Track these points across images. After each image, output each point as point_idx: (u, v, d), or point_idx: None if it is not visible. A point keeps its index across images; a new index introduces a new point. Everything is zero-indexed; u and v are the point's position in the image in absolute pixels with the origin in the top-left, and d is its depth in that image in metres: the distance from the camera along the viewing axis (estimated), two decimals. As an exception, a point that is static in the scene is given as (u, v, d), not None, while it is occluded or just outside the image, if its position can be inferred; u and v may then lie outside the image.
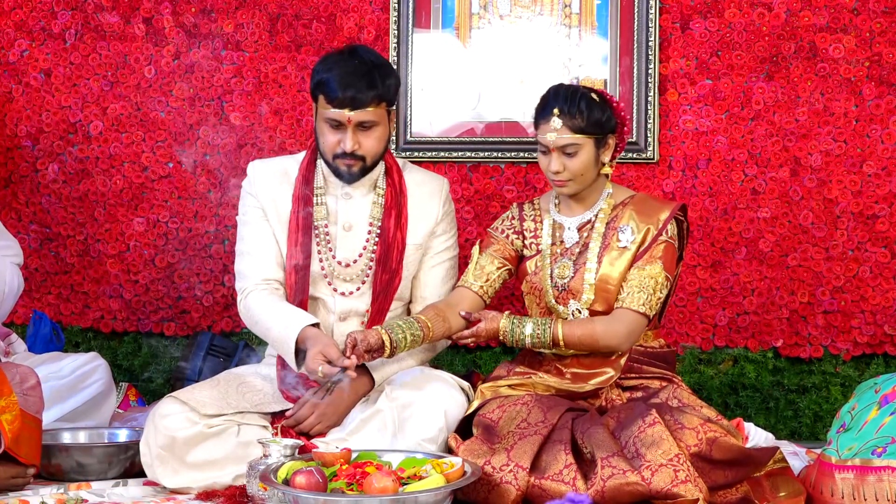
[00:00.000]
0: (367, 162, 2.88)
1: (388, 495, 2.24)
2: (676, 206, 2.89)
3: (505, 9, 3.74)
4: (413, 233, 2.98)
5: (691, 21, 3.67)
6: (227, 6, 3.79)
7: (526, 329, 2.79)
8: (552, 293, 2.87)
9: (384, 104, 2.85)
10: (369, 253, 2.95)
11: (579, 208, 2.92)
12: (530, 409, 2.65)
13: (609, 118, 2.82)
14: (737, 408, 3.63)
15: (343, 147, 2.84)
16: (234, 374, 2.95)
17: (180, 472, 2.67)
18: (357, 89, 2.80)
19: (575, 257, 2.87)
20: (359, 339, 2.68)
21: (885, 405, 2.64)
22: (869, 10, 3.61)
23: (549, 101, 2.81)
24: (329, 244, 2.95)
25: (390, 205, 2.96)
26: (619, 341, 2.78)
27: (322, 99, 2.85)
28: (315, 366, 2.65)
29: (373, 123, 2.84)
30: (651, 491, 2.39)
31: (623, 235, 2.84)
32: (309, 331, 2.77)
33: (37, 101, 3.83)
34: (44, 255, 3.85)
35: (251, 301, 2.92)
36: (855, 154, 3.63)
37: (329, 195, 2.97)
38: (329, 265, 2.94)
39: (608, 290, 2.82)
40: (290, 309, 2.86)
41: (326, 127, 2.86)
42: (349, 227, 2.95)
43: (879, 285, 3.62)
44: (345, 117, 2.81)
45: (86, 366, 3.22)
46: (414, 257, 2.99)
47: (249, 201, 3.01)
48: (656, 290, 2.79)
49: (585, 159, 2.80)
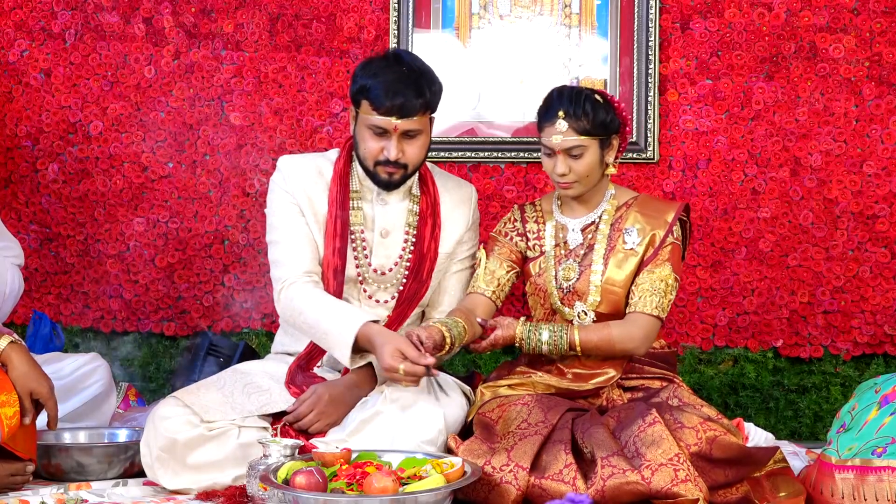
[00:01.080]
0: (409, 170, 2.85)
1: (388, 495, 2.24)
2: (681, 206, 2.89)
3: (505, 9, 3.74)
4: (444, 241, 2.96)
5: (691, 21, 3.67)
6: (227, 6, 3.79)
7: (542, 336, 2.79)
8: (557, 295, 2.87)
9: (429, 112, 2.83)
10: (405, 262, 2.92)
11: (582, 210, 2.92)
12: (531, 409, 2.65)
13: (613, 119, 2.81)
14: (737, 408, 3.63)
15: (387, 155, 2.79)
16: (239, 373, 2.90)
17: (180, 473, 2.66)
18: (405, 97, 2.75)
19: (580, 259, 2.87)
20: (423, 337, 2.63)
21: (885, 405, 2.64)
22: (869, 10, 3.61)
23: (554, 104, 2.80)
24: (365, 250, 2.91)
25: (426, 213, 2.94)
26: (635, 345, 2.79)
27: (366, 105, 2.78)
28: (395, 363, 2.58)
29: (418, 132, 2.81)
30: (651, 490, 2.39)
31: (629, 238, 2.84)
32: (373, 327, 2.70)
33: (37, 101, 3.83)
34: (44, 255, 3.85)
35: (295, 292, 2.83)
36: (855, 154, 3.63)
37: (364, 200, 2.93)
38: (364, 271, 2.91)
39: (614, 293, 2.83)
40: (345, 304, 2.81)
41: (369, 133, 2.81)
42: (386, 234, 2.92)
43: (879, 285, 3.62)
44: (391, 125, 2.77)
45: (86, 366, 3.21)
46: (443, 266, 2.98)
47: (283, 197, 2.92)
48: (667, 293, 2.80)
49: (591, 161, 2.79)
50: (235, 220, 3.79)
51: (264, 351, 3.59)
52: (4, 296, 3.04)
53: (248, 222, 3.79)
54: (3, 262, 3.04)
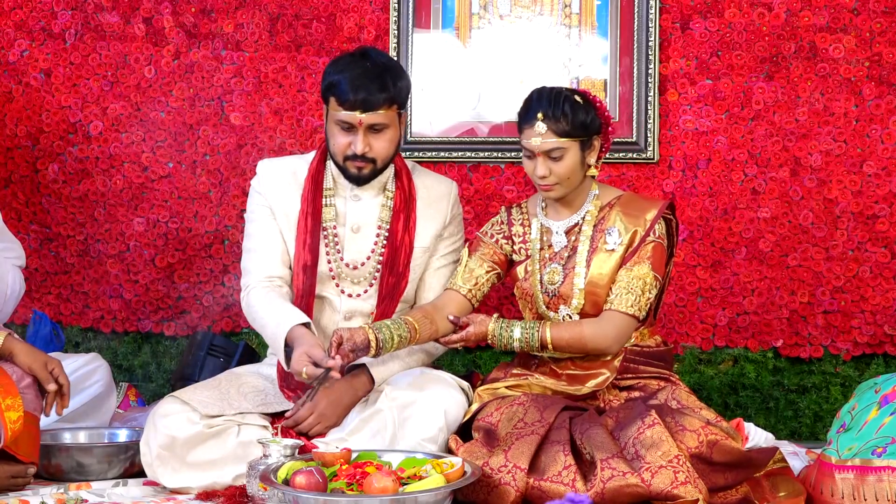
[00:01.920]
0: (378, 164, 2.89)
1: (388, 495, 2.24)
2: (663, 204, 2.87)
3: (505, 9, 3.74)
4: (421, 236, 2.98)
5: (691, 21, 3.67)
6: (227, 6, 3.79)
7: (514, 333, 2.78)
8: (543, 299, 2.86)
9: (395, 106, 2.85)
10: (377, 256, 2.95)
11: (566, 211, 2.90)
12: (527, 408, 2.64)
13: (593, 119, 2.80)
14: (737, 408, 3.63)
15: (354, 149, 2.84)
16: (234, 375, 2.95)
17: (180, 472, 2.67)
18: (368, 91, 2.79)
19: (564, 261, 2.86)
20: (345, 338, 2.66)
21: (885, 405, 2.64)
22: (869, 10, 3.61)
23: (533, 106, 2.78)
24: (337, 245, 2.95)
25: (399, 208, 2.96)
26: (607, 343, 2.78)
27: (333, 101, 2.85)
28: (299, 367, 2.63)
29: (384, 126, 2.85)
30: (651, 492, 2.39)
31: (610, 238, 2.82)
32: (297, 330, 2.74)
33: (37, 101, 3.83)
34: (44, 255, 3.85)
35: (252, 298, 2.91)
36: (855, 154, 3.63)
37: (338, 197, 2.97)
38: (337, 266, 2.94)
39: (597, 294, 2.81)
40: (285, 307, 2.84)
41: (337, 129, 2.86)
42: (357, 229, 2.95)
43: (879, 285, 3.62)
44: (356, 119, 2.81)
45: (86, 366, 3.21)
46: (421, 260, 2.99)
47: (257, 199, 3.00)
48: (645, 291, 2.79)
49: (571, 163, 2.78)
50: (235, 220, 3.79)
51: (264, 351, 3.58)
52: (5, 297, 3.04)
53: (248, 222, 3.79)
54: (4, 264, 3.04)
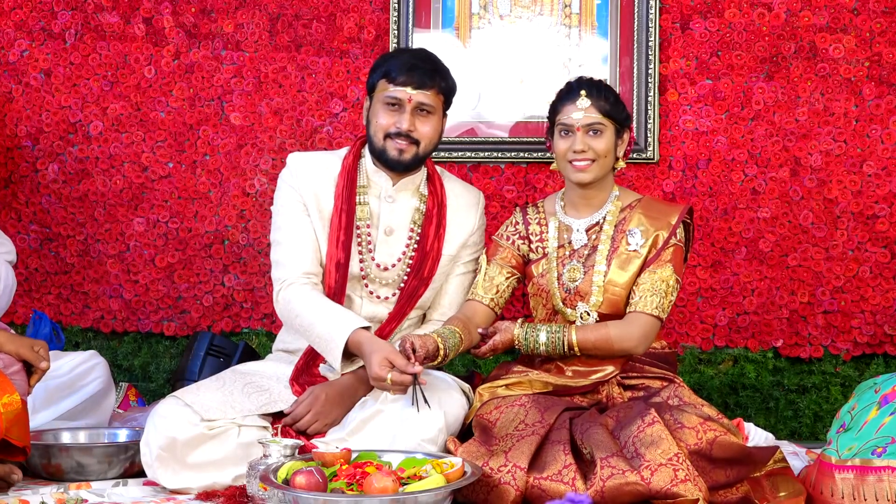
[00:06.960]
0: (420, 149, 2.88)
1: (388, 495, 2.24)
2: (685, 209, 2.90)
3: (505, 9, 3.74)
4: (449, 243, 2.98)
5: (691, 21, 3.67)
6: (227, 6, 3.79)
7: (540, 337, 2.80)
8: (560, 295, 2.87)
9: (442, 96, 2.90)
10: (407, 259, 2.94)
11: (587, 209, 2.92)
12: (527, 410, 2.65)
13: (626, 114, 2.90)
14: (737, 408, 3.63)
15: (399, 126, 2.85)
16: (239, 373, 2.91)
17: (180, 472, 2.66)
18: (422, 71, 2.86)
19: (584, 259, 2.88)
20: (417, 345, 2.65)
21: (885, 405, 2.64)
22: (869, 10, 3.61)
23: (575, 86, 2.87)
24: (370, 245, 2.93)
25: (431, 213, 2.96)
26: (633, 344, 2.79)
27: (383, 82, 2.87)
28: (383, 373, 2.61)
29: (431, 109, 2.88)
30: (651, 491, 2.39)
31: (633, 239, 2.85)
32: (362, 334, 2.73)
33: (37, 101, 3.83)
34: (44, 255, 3.85)
35: (293, 294, 2.85)
36: (855, 154, 3.63)
37: (371, 196, 2.95)
38: (368, 267, 2.92)
39: (615, 294, 2.84)
40: (336, 308, 2.82)
41: (383, 109, 2.87)
42: (390, 232, 2.94)
43: (879, 285, 3.62)
44: (406, 95, 2.84)
45: (84, 364, 3.21)
46: (446, 268, 2.99)
47: (290, 193, 2.94)
48: (668, 294, 2.81)
49: (608, 143, 2.84)
50: (235, 220, 3.79)
51: (264, 351, 3.59)
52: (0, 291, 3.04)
53: (248, 222, 3.79)
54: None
